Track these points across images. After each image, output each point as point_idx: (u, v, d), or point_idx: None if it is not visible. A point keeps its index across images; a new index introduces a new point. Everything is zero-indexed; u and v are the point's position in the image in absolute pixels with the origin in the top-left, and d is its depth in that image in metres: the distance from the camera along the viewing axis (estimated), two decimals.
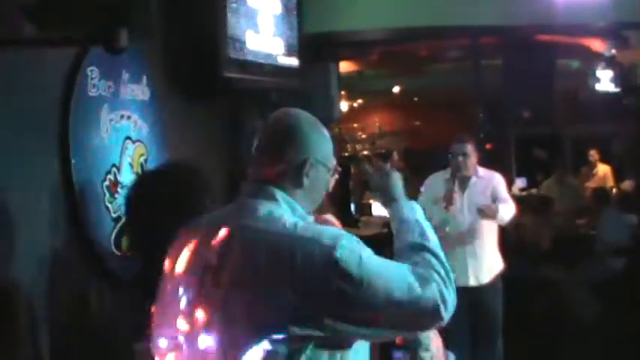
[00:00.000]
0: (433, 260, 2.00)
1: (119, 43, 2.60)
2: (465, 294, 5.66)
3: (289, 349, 1.83)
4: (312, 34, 6.35)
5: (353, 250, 1.88)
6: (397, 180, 2.36)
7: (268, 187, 2.06)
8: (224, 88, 5.03)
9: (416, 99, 14.25)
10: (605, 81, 11.41)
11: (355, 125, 13.34)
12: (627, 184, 11.26)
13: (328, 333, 1.86)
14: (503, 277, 5.90)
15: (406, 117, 14.37)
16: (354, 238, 1.93)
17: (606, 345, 6.82)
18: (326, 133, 2.17)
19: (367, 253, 1.91)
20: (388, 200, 2.31)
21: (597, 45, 10.60)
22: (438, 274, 1.95)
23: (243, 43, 4.97)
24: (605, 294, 7.47)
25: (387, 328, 1.93)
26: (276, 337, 1.82)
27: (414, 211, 2.23)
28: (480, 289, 5.76)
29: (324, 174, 2.14)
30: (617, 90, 11.55)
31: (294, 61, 5.75)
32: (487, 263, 5.81)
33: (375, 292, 1.84)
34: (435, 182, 5.96)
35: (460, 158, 5.77)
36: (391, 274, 1.89)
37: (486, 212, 5.65)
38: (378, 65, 10.71)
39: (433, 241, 2.10)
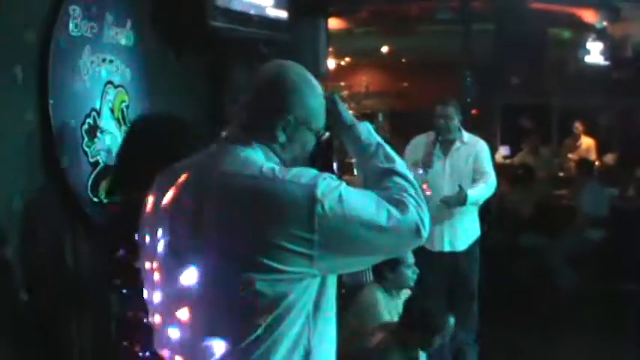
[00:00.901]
0: (404, 182, 2.04)
1: None
2: (442, 259, 5.66)
3: (276, 291, 1.85)
4: None
5: (332, 187, 1.88)
6: (344, 105, 2.27)
7: (246, 134, 2.03)
8: (211, 38, 4.95)
9: (404, 60, 14.13)
10: (595, 53, 11.35)
11: (342, 84, 13.23)
12: (610, 158, 11.28)
13: (316, 270, 1.89)
14: (483, 244, 5.87)
15: (393, 78, 14.28)
16: (332, 176, 1.92)
17: (582, 313, 6.88)
18: (317, 93, 2.10)
19: (345, 188, 1.91)
20: (342, 128, 2.23)
21: (589, 16, 10.54)
22: (412, 196, 1.99)
23: None
24: (584, 264, 7.52)
25: (373, 254, 2.01)
26: (261, 277, 1.83)
27: (372, 133, 2.21)
28: (456, 255, 5.72)
29: (305, 134, 2.08)
30: (607, 63, 11.49)
31: (283, 14, 5.67)
32: (464, 230, 5.75)
33: (358, 224, 1.87)
34: (418, 145, 5.87)
35: (442, 121, 5.69)
36: (370, 205, 1.91)
37: (452, 202, 5.56)
38: (368, 24, 10.58)
39: (399, 162, 2.13)
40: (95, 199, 3.90)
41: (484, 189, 5.64)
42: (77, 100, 3.83)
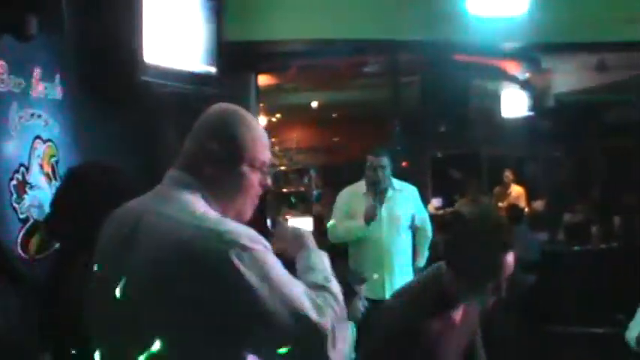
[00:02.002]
0: (332, 302, 1.90)
1: (28, 30, 2.51)
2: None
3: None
4: (231, 42, 6.30)
5: (256, 252, 1.80)
6: (306, 233, 2.22)
7: (186, 176, 1.98)
8: (141, 93, 4.94)
9: (334, 115, 14.28)
10: (519, 104, 11.65)
11: (273, 140, 13.29)
12: (538, 204, 11.51)
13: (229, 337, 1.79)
14: None
15: (324, 132, 14.42)
16: (263, 241, 1.85)
17: (515, 355, 6.93)
18: (259, 131, 2.07)
19: (271, 258, 1.83)
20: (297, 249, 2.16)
21: (512, 67, 10.82)
22: (335, 314, 1.87)
23: (162, 48, 4.91)
24: (518, 309, 7.60)
25: (271, 342, 1.81)
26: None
27: (322, 259, 2.11)
28: None
29: (243, 169, 2.01)
30: (531, 113, 11.80)
31: (212, 70, 5.71)
32: (402, 277, 5.80)
33: (267, 299, 1.76)
34: (349, 195, 5.95)
35: (376, 171, 5.77)
36: (288, 287, 1.81)
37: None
38: (297, 79, 10.70)
39: (335, 287, 2.00)
40: (25, 256, 3.83)
41: (426, 245, 5.96)
42: (5, 156, 3.78)
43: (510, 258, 2.75)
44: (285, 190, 12.04)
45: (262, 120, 11.46)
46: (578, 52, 9.46)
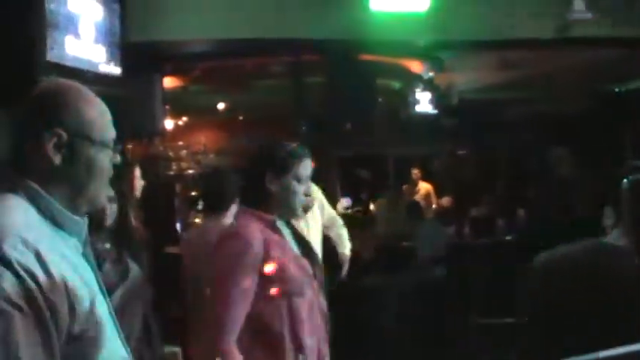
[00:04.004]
0: None
1: None
2: None
3: None
4: (135, 42, 6.22)
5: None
6: None
7: (13, 174, 1.73)
8: None
9: (241, 117, 14.24)
10: (424, 102, 11.81)
11: (180, 143, 13.17)
12: (446, 200, 11.71)
13: None
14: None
15: (231, 134, 14.34)
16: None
17: (425, 347, 7.03)
18: (99, 105, 1.82)
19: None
20: None
21: (416, 67, 10.97)
22: None
23: (63, 47, 4.81)
24: (427, 300, 7.71)
25: None
26: None
27: None
28: None
29: (92, 151, 1.77)
30: (435, 111, 11.98)
31: (116, 70, 5.62)
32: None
33: None
34: None
35: None
36: None
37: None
38: (203, 81, 10.63)
39: None
40: None
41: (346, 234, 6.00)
42: None
43: None
44: (193, 193, 11.93)
45: (169, 123, 11.34)
46: (480, 50, 9.66)
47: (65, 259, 1.66)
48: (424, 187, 12.05)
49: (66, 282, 1.61)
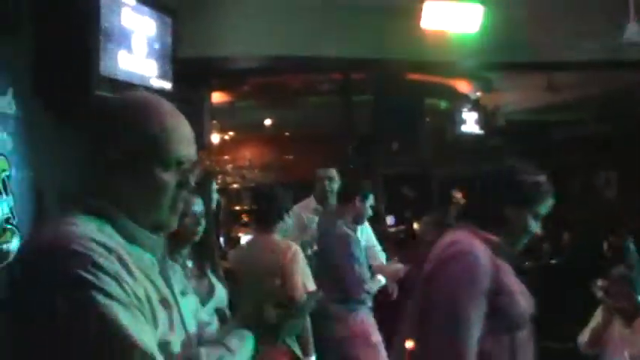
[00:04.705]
0: None
1: None
2: None
3: None
4: (186, 58, 6.29)
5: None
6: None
7: (78, 194, 1.73)
8: (95, 107, 4.88)
9: (287, 133, 14.29)
10: (470, 122, 11.78)
11: (226, 157, 13.24)
12: None
13: None
14: None
15: (277, 150, 14.39)
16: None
17: None
18: (172, 120, 1.74)
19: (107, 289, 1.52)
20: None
21: (463, 87, 10.96)
22: None
23: (116, 61, 4.87)
24: None
25: None
26: None
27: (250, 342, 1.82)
28: None
29: (158, 173, 1.70)
30: (481, 132, 11.94)
31: (167, 85, 5.68)
32: None
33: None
34: (299, 210, 5.93)
35: (326, 182, 5.81)
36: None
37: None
38: (251, 97, 10.70)
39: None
40: None
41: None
42: None
43: None
44: (237, 207, 12.00)
45: (215, 137, 11.43)
46: (528, 72, 9.62)
47: (134, 265, 1.63)
48: None
49: (141, 280, 1.62)
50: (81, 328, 1.46)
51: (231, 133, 13.83)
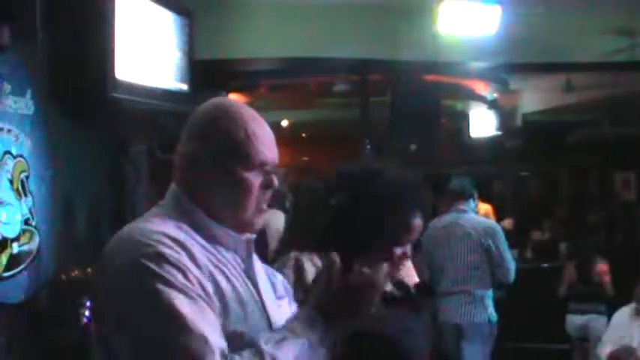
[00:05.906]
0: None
1: (1, 41, 2.50)
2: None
3: None
4: (202, 60, 6.31)
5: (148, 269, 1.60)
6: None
7: (170, 188, 1.84)
8: (112, 109, 4.93)
9: (304, 135, 14.30)
10: (487, 123, 11.74)
11: None
12: (507, 223, 11.59)
13: None
14: None
15: (294, 152, 14.41)
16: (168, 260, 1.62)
17: None
18: (254, 124, 1.82)
19: (165, 284, 1.59)
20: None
21: (480, 88, 10.92)
22: None
23: (132, 64, 4.90)
24: None
25: None
26: None
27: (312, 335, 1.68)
28: None
29: (240, 173, 1.77)
30: (499, 133, 11.91)
31: (184, 87, 5.70)
32: None
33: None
34: None
35: None
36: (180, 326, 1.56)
37: None
38: (267, 98, 10.71)
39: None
40: None
41: None
42: None
43: None
44: None
45: None
46: (545, 73, 9.58)
47: (207, 259, 1.71)
48: (483, 207, 11.88)
49: (212, 273, 1.69)
50: (138, 312, 1.58)
51: None
